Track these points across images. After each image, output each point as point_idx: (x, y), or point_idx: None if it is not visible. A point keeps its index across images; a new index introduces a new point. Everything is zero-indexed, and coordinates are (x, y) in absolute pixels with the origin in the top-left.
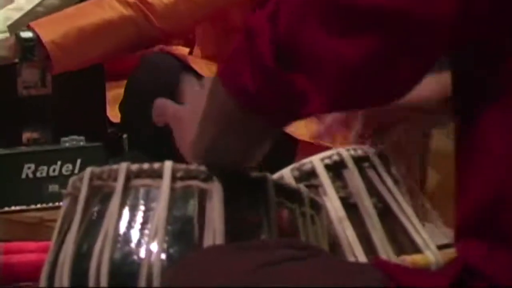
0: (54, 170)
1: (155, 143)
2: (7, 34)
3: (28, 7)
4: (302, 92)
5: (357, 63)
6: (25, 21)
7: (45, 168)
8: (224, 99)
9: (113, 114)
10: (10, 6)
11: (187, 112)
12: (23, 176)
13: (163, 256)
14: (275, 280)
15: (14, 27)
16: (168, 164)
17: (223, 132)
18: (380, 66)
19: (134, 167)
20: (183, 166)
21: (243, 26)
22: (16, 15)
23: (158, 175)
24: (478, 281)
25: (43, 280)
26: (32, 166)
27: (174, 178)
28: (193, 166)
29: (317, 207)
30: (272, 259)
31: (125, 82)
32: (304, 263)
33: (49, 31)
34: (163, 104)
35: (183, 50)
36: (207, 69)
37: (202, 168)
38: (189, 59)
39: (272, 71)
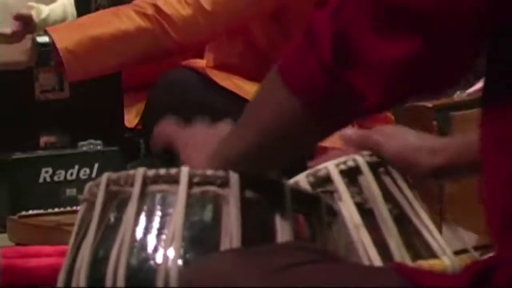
0: (71, 174)
1: (173, 153)
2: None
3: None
4: (358, 90)
5: (405, 61)
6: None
7: (63, 172)
8: (283, 98)
9: (129, 120)
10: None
11: (198, 135)
12: (41, 180)
13: (180, 261)
14: (296, 281)
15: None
16: (185, 170)
17: (275, 133)
18: (426, 64)
19: (151, 172)
20: (200, 171)
21: (307, 23)
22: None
23: (175, 180)
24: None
25: (60, 285)
26: (50, 170)
27: (191, 184)
28: (210, 172)
29: (334, 213)
30: (291, 262)
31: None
32: (323, 265)
33: (64, 37)
34: (169, 129)
35: (202, 63)
36: (227, 79)
37: (219, 173)
38: (208, 71)
39: (330, 68)
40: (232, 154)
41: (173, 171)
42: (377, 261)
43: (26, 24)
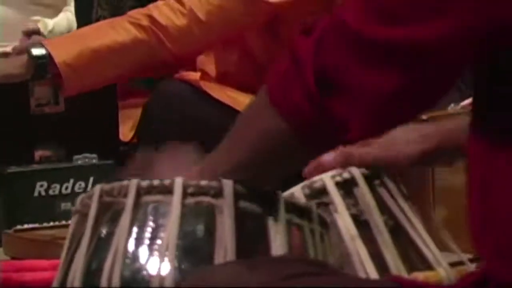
0: (66, 188)
1: None
2: None
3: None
4: (342, 119)
5: (389, 92)
6: None
7: (58, 186)
8: (269, 113)
9: (124, 133)
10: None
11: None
12: (36, 194)
13: (174, 272)
14: None
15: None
16: (178, 180)
17: (262, 151)
18: (410, 93)
19: (145, 183)
20: (193, 182)
21: (290, 48)
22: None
23: (168, 191)
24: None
25: None
26: (45, 184)
27: (185, 194)
28: (204, 182)
29: (326, 224)
30: (290, 273)
31: (136, 101)
32: (319, 277)
33: (62, 51)
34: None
35: (195, 75)
36: (220, 91)
37: (213, 184)
38: (202, 83)
39: (315, 97)
40: (222, 168)
41: (167, 181)
42: (373, 273)
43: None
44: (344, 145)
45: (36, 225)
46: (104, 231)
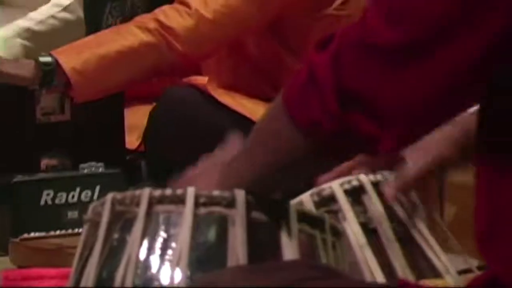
0: (73, 197)
1: (175, 175)
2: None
3: (41, 17)
4: (370, 133)
5: (418, 103)
6: (39, 28)
7: (64, 194)
8: (287, 127)
9: (131, 142)
10: (21, 20)
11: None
12: (42, 202)
13: (186, 282)
14: None
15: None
16: (191, 190)
17: (279, 161)
18: (442, 101)
19: (157, 192)
20: (205, 192)
21: (306, 62)
22: (28, 23)
23: (180, 200)
24: None
25: None
26: (51, 192)
27: (197, 204)
28: (216, 192)
29: (338, 233)
30: (297, 277)
31: (142, 107)
32: (328, 282)
33: (70, 58)
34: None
35: (202, 80)
36: (227, 97)
37: (225, 194)
38: (209, 88)
39: (338, 116)
40: (243, 179)
41: (179, 191)
42: (382, 281)
43: None
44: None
45: (43, 233)
46: (116, 240)
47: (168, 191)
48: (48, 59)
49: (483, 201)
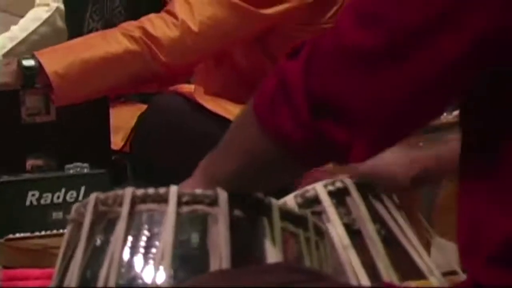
0: (58, 197)
1: (163, 179)
2: None
3: (22, 35)
4: (343, 141)
5: (391, 109)
6: (19, 49)
7: (49, 195)
8: (258, 135)
9: (115, 142)
10: (6, 34)
11: None
12: (27, 203)
13: (170, 281)
14: None
15: (8, 56)
16: (173, 189)
17: (253, 164)
18: (414, 106)
19: (139, 192)
20: (188, 191)
21: (277, 70)
22: (10, 44)
23: (163, 199)
24: None
25: None
26: (36, 193)
27: (179, 203)
28: (198, 191)
29: (321, 233)
30: (283, 281)
31: (127, 108)
32: (313, 284)
33: (53, 61)
34: None
35: (189, 88)
36: (213, 102)
37: (208, 192)
38: (196, 95)
39: (308, 124)
40: (219, 178)
41: (162, 190)
42: (365, 282)
43: None
44: (342, 164)
45: (28, 234)
46: (99, 240)
47: (151, 190)
48: (31, 62)
49: (464, 215)
